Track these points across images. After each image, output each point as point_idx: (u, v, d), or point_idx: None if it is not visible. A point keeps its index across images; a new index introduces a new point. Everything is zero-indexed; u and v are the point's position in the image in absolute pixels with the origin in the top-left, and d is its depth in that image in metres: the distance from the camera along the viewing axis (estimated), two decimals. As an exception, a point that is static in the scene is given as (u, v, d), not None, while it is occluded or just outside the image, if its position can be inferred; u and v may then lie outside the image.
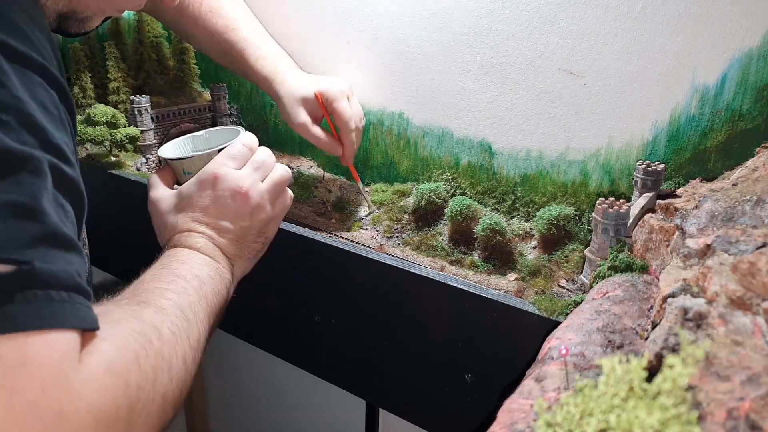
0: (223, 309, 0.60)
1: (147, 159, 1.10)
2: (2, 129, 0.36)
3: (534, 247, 0.82)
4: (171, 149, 0.73)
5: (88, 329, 0.38)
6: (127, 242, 1.03)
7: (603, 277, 0.62)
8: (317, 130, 0.88)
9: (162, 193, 0.66)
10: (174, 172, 0.70)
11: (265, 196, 0.65)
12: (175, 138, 0.77)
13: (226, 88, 1.16)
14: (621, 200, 0.67)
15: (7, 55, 0.38)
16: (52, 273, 0.35)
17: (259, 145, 0.69)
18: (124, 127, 1.07)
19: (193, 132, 0.77)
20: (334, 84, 0.88)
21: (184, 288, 0.53)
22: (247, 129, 0.72)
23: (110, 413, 0.37)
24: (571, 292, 0.73)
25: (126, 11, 0.69)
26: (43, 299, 0.35)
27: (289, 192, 0.71)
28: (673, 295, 0.42)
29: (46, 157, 0.39)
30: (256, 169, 0.66)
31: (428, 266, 0.80)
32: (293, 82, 0.89)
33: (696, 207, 0.56)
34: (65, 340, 0.35)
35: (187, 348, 0.48)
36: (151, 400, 0.41)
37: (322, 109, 0.87)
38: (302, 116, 0.87)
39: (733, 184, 0.60)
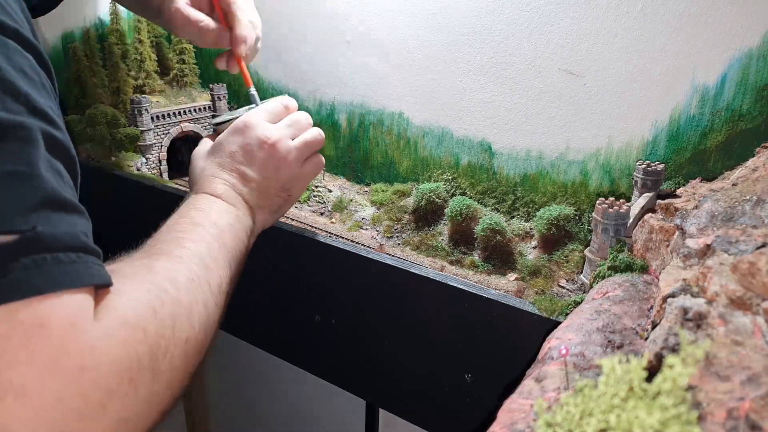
0: (244, 256, 0.60)
1: (147, 159, 1.10)
2: None
3: (534, 247, 0.82)
4: (223, 116, 0.74)
5: (100, 286, 0.39)
6: (127, 242, 1.03)
7: (603, 277, 0.62)
8: (198, 13, 0.73)
9: (203, 146, 0.68)
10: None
11: (293, 153, 0.65)
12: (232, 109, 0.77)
13: (226, 88, 1.16)
14: (621, 200, 0.67)
15: None
16: (57, 236, 0.36)
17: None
18: (124, 127, 1.07)
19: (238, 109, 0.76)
20: None
21: (202, 236, 0.54)
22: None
23: (132, 363, 0.38)
24: (571, 292, 0.73)
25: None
26: (53, 262, 0.35)
27: (321, 157, 0.71)
28: (673, 295, 0.42)
29: (35, 123, 0.38)
30: (288, 125, 0.66)
31: (428, 266, 0.80)
32: None
33: (696, 207, 0.56)
34: (78, 299, 0.36)
35: (208, 293, 0.49)
36: (174, 346, 0.42)
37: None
38: (178, 2, 0.73)
39: (733, 184, 0.60)
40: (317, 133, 0.69)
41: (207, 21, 0.73)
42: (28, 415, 0.32)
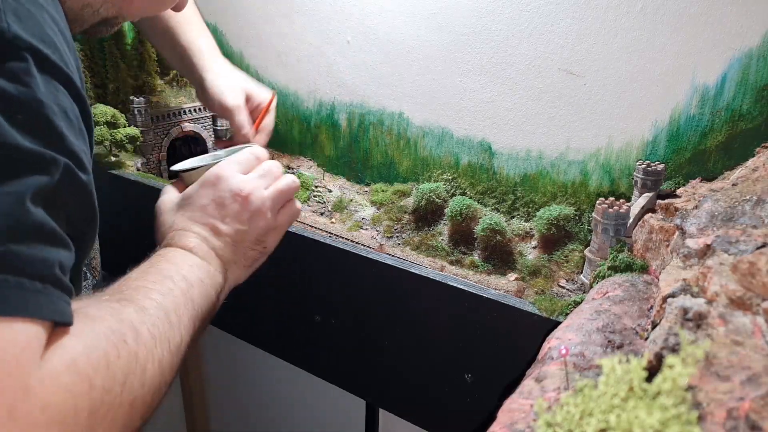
0: (211, 314, 0.58)
1: (147, 159, 1.10)
2: (16, 127, 0.36)
3: (534, 247, 0.82)
4: (185, 163, 0.73)
5: (59, 323, 0.36)
6: (127, 242, 1.03)
7: (603, 277, 0.62)
8: (246, 118, 0.83)
9: (168, 197, 0.65)
10: (185, 184, 0.70)
11: (267, 203, 0.63)
12: (195, 156, 0.78)
13: (226, 88, 1.16)
14: (621, 200, 0.67)
15: (37, 61, 0.39)
16: (28, 261, 0.34)
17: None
18: (124, 127, 1.07)
19: (208, 152, 0.78)
20: (270, 91, 0.89)
21: (171, 289, 0.51)
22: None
23: (67, 415, 0.34)
24: (571, 292, 0.73)
25: None
26: (15, 285, 0.33)
27: (297, 204, 0.69)
28: (673, 295, 0.42)
29: (59, 159, 0.38)
30: (260, 176, 0.64)
31: (428, 266, 0.80)
32: (230, 66, 0.89)
33: (696, 207, 0.56)
34: (30, 331, 0.34)
35: (166, 353, 0.45)
36: (118, 405, 0.38)
37: (266, 109, 0.85)
38: (240, 100, 0.84)
39: (733, 184, 0.60)
40: (290, 180, 0.67)
41: (247, 131, 0.82)
42: None
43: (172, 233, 0.60)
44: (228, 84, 0.84)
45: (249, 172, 0.65)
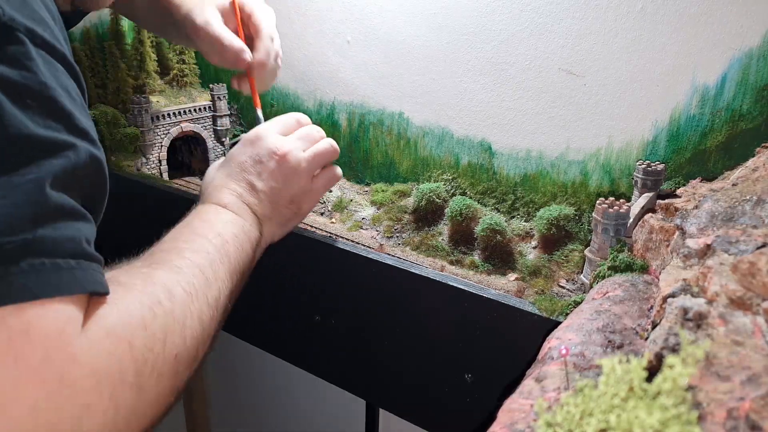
0: (249, 268, 0.59)
1: (147, 159, 1.10)
2: (28, 114, 0.36)
3: (534, 247, 0.82)
4: (237, 138, 0.73)
5: (95, 293, 0.38)
6: (127, 242, 1.03)
7: (603, 277, 0.62)
8: (223, 29, 0.71)
9: (217, 162, 0.68)
10: None
11: (303, 164, 0.64)
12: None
13: (226, 88, 1.16)
14: (621, 200, 0.67)
15: (34, 41, 0.39)
16: (59, 242, 0.36)
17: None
18: (124, 127, 1.07)
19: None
20: (262, 4, 0.77)
21: (204, 247, 0.52)
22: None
23: (114, 376, 0.37)
24: (571, 292, 0.73)
25: None
26: (51, 268, 0.35)
27: (336, 170, 0.70)
28: (673, 295, 0.42)
29: (72, 141, 0.39)
30: (299, 138, 0.66)
31: (428, 266, 0.80)
32: None
33: (696, 207, 0.56)
34: (69, 306, 0.36)
35: (204, 307, 0.47)
36: (162, 362, 0.41)
37: (236, 15, 0.73)
38: (210, 15, 0.71)
39: (733, 184, 0.60)
40: (329, 144, 0.68)
41: (231, 39, 0.70)
42: (1, 423, 0.31)
43: (210, 189, 0.62)
44: (194, 8, 0.73)
45: (289, 134, 0.66)
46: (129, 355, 0.38)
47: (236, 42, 0.70)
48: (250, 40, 0.74)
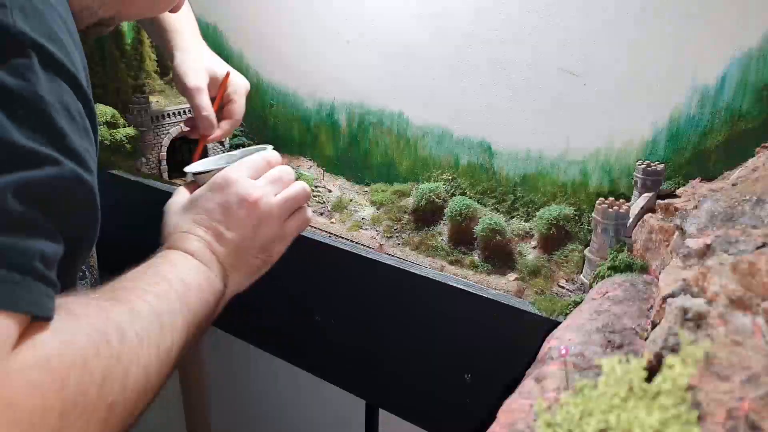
0: (209, 321, 0.56)
1: (147, 159, 1.10)
2: (14, 122, 0.36)
3: (534, 247, 0.82)
4: (198, 165, 0.72)
5: (37, 316, 0.35)
6: (126, 242, 1.03)
7: (603, 277, 0.62)
8: (207, 100, 0.81)
9: (178, 198, 0.64)
10: (198, 185, 0.69)
11: (275, 211, 0.61)
12: (210, 156, 0.78)
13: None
14: (621, 200, 0.67)
15: (42, 58, 0.39)
16: (6, 252, 0.33)
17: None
18: (124, 127, 1.07)
19: (224, 152, 0.78)
20: (243, 79, 0.88)
21: (166, 292, 0.49)
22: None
23: (34, 414, 0.33)
24: (570, 292, 0.73)
25: None
26: None
27: (307, 212, 0.66)
28: (672, 295, 0.42)
29: (56, 157, 0.38)
30: (270, 182, 0.63)
31: (428, 266, 0.80)
32: (204, 48, 0.88)
33: (696, 207, 0.56)
34: (2, 324, 0.32)
35: (154, 357, 0.43)
36: (93, 408, 0.36)
37: (221, 89, 0.84)
38: (201, 81, 0.81)
39: (733, 184, 0.60)
40: (301, 188, 0.65)
41: (210, 116, 0.80)
42: None
43: (175, 235, 0.59)
44: (193, 65, 0.83)
45: (259, 177, 0.63)
46: (58, 393, 0.34)
47: (212, 119, 0.80)
48: (221, 111, 0.84)
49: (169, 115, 1.12)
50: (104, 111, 1.02)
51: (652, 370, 0.30)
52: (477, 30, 0.85)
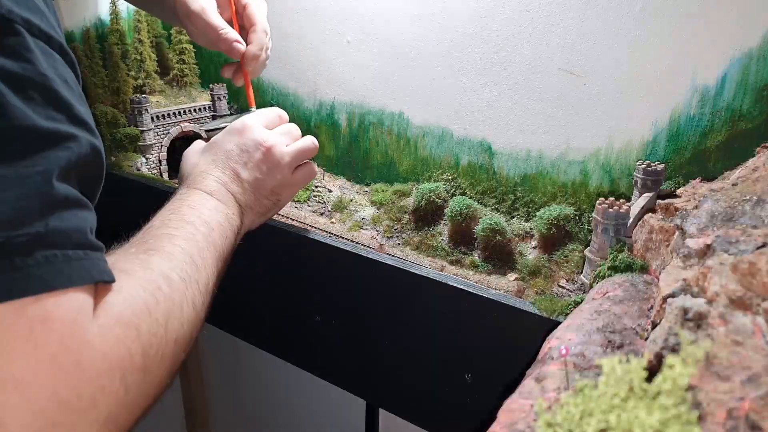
0: (230, 255, 0.61)
1: (147, 159, 1.10)
2: (31, 106, 0.37)
3: (534, 247, 0.82)
4: (214, 123, 0.76)
5: (103, 282, 0.40)
6: (126, 243, 1.03)
7: (603, 277, 0.62)
8: (218, 18, 0.73)
9: (195, 146, 0.70)
10: None
11: (286, 158, 0.67)
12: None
13: (226, 88, 1.16)
14: (621, 200, 0.67)
15: (32, 33, 0.39)
16: (67, 233, 0.37)
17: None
18: (124, 127, 1.07)
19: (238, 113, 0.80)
20: None
21: (193, 234, 0.54)
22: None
23: (124, 360, 0.39)
24: (571, 292, 0.73)
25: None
26: (63, 259, 0.36)
27: (313, 165, 0.73)
28: (673, 295, 0.42)
29: (74, 132, 0.40)
30: (282, 133, 0.69)
31: (428, 266, 0.80)
32: None
33: (696, 207, 0.56)
34: (81, 295, 0.37)
35: (197, 293, 0.50)
36: (164, 345, 0.43)
37: (231, 5, 0.76)
38: (203, 1, 0.73)
39: (733, 184, 0.59)
40: (311, 141, 0.71)
41: (227, 30, 0.73)
42: (22, 406, 0.33)
43: (194, 174, 0.64)
44: None
45: (272, 129, 0.69)
46: (136, 341, 0.40)
47: (231, 33, 0.74)
48: (244, 31, 0.77)
49: (169, 115, 1.12)
50: (104, 111, 1.02)
51: (653, 370, 0.30)
52: (477, 30, 0.85)
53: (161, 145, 1.12)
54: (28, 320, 0.34)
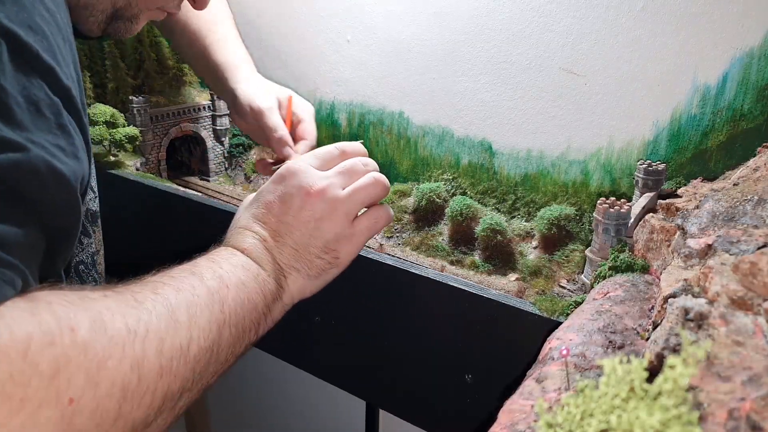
0: (256, 324, 0.50)
1: (147, 159, 1.10)
2: None
3: (535, 247, 0.82)
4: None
5: None
6: (126, 243, 1.03)
7: (604, 277, 0.62)
8: (280, 120, 0.76)
9: (250, 195, 0.60)
10: None
11: (340, 205, 0.55)
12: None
13: (226, 88, 1.16)
14: (622, 200, 0.67)
15: (12, 46, 0.37)
16: None
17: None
18: (124, 126, 1.07)
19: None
20: (307, 103, 0.82)
21: (192, 287, 0.44)
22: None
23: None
24: (571, 292, 0.73)
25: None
26: None
27: (387, 210, 0.59)
28: (674, 295, 0.42)
29: (21, 142, 0.37)
30: (340, 173, 0.56)
31: (428, 266, 0.80)
32: (263, 78, 0.86)
33: (697, 207, 0.56)
34: None
35: (152, 354, 0.38)
36: (49, 400, 0.32)
37: (288, 111, 0.79)
38: (272, 102, 0.77)
39: (734, 184, 0.59)
40: (374, 178, 0.57)
41: (285, 135, 0.74)
42: None
43: (232, 232, 0.55)
44: (258, 90, 0.80)
45: (329, 169, 0.57)
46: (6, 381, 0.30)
47: (287, 138, 0.74)
48: (293, 134, 0.77)
49: (168, 115, 1.12)
50: (104, 111, 1.02)
51: (654, 370, 0.30)
52: (478, 29, 0.84)
53: (161, 145, 1.12)
54: None
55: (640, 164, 0.70)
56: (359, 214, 0.58)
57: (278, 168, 0.59)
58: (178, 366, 0.40)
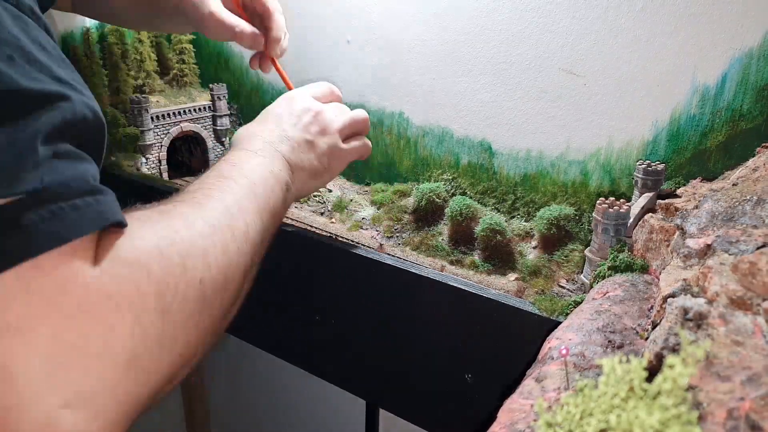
0: (280, 211, 0.60)
1: (147, 159, 1.10)
2: (12, 67, 0.36)
3: (534, 247, 0.82)
4: None
5: (114, 226, 0.39)
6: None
7: (603, 277, 0.62)
8: (233, 18, 0.72)
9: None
10: None
11: (335, 125, 0.68)
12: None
13: (226, 88, 1.16)
14: (621, 200, 0.67)
15: None
16: (68, 185, 0.36)
17: None
18: (124, 127, 1.07)
19: None
20: None
21: (230, 187, 0.53)
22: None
23: (134, 301, 0.37)
24: (571, 292, 0.73)
25: None
26: (71, 209, 0.35)
27: (368, 142, 0.73)
28: (673, 295, 0.42)
29: (64, 91, 0.39)
30: (333, 106, 0.70)
31: (428, 266, 0.80)
32: None
33: (696, 207, 0.56)
34: (83, 241, 0.36)
35: (229, 239, 0.48)
36: (185, 285, 0.41)
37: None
38: (211, 5, 0.72)
39: (734, 184, 0.59)
40: (363, 116, 0.72)
41: (242, 26, 0.73)
42: (24, 351, 0.32)
43: (241, 138, 0.63)
44: None
45: (325, 103, 0.70)
46: (147, 281, 0.39)
47: (246, 27, 0.73)
48: (258, 17, 0.76)
49: (169, 115, 1.12)
50: (104, 111, 1.02)
51: (653, 370, 0.30)
52: (478, 30, 0.84)
53: (161, 145, 1.12)
54: (42, 274, 0.33)
55: (640, 164, 0.70)
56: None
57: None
58: (247, 245, 0.50)
